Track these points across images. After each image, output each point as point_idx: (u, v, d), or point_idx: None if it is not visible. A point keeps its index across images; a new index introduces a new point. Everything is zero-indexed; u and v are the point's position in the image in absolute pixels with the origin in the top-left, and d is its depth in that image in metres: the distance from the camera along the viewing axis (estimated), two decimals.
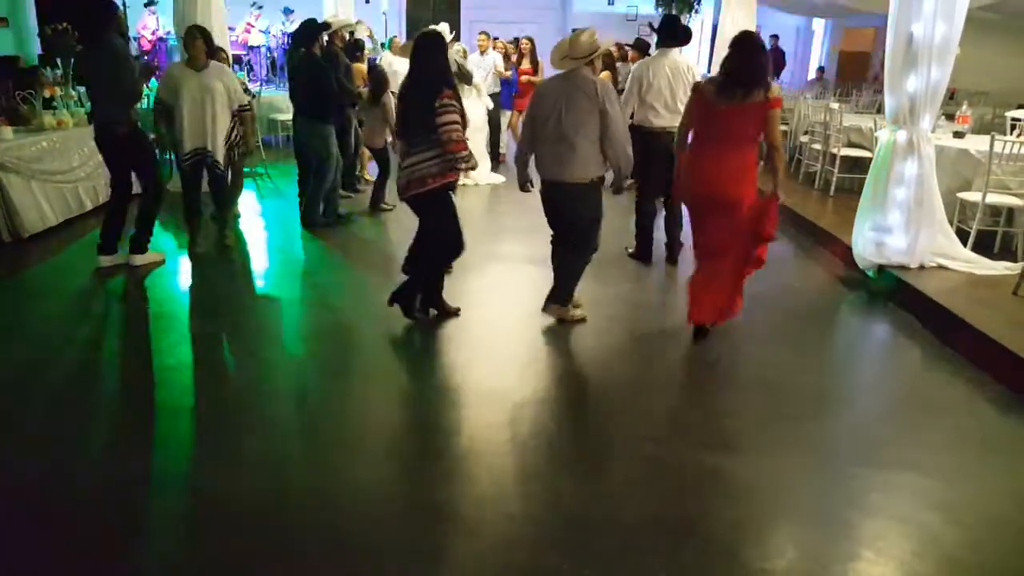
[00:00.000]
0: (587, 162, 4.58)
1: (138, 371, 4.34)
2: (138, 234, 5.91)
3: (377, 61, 9.86)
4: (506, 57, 10.91)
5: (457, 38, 10.31)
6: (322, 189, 7.20)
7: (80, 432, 3.62)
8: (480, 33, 10.97)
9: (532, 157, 4.84)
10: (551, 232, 4.98)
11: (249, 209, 8.01)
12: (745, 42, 4.32)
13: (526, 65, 10.79)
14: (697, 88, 4.53)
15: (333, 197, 7.38)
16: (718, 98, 4.29)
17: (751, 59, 4.26)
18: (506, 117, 10.81)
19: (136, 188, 5.94)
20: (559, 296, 4.99)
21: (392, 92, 7.57)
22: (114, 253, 5.86)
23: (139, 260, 5.91)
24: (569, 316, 5.04)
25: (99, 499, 3.12)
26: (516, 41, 11.18)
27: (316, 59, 6.99)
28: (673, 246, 6.41)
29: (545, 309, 5.02)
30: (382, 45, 11.77)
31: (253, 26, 14.15)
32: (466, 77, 9.18)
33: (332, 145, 7.15)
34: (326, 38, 7.27)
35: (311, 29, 7.06)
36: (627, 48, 9.54)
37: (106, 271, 5.77)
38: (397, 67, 11.27)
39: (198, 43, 5.96)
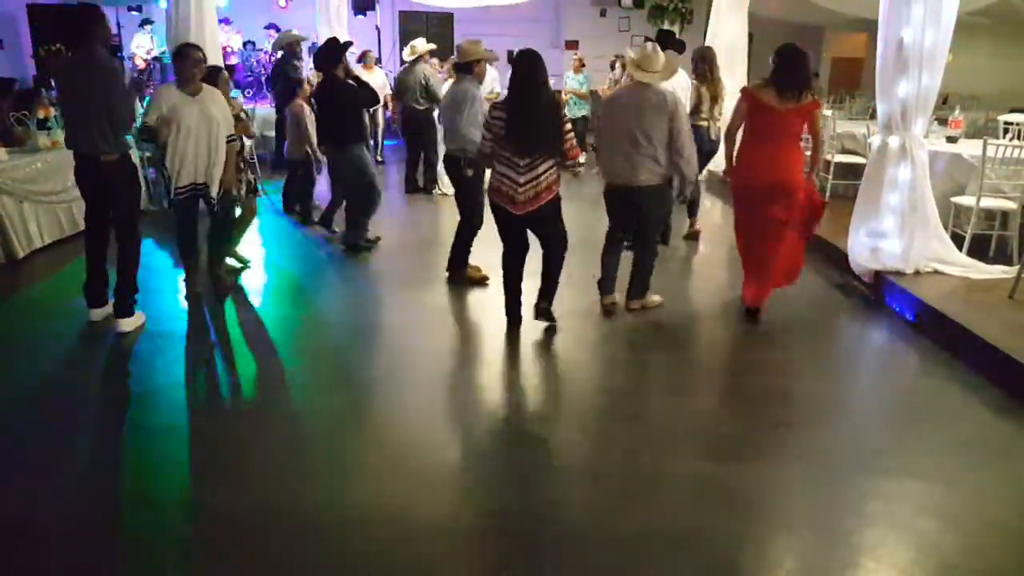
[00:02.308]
0: (657, 165, 5.03)
1: (131, 396, 4.34)
2: (123, 292, 4.99)
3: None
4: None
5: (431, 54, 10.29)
6: (371, 211, 6.96)
7: (79, 454, 3.61)
8: None
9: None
10: (611, 232, 5.40)
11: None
12: (792, 53, 4.89)
13: None
14: (749, 93, 5.06)
15: (363, 221, 7.06)
16: (778, 101, 4.88)
17: (800, 66, 4.89)
18: None
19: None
20: (639, 291, 5.42)
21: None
22: (106, 304, 5.09)
23: (128, 325, 4.99)
24: (651, 304, 5.48)
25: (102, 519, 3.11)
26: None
27: (341, 83, 6.59)
28: (666, 232, 6.88)
29: (629, 305, 5.42)
30: (359, 60, 11.61)
31: (232, 48, 14.04)
32: (432, 96, 9.36)
33: (369, 164, 6.85)
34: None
35: (333, 50, 6.63)
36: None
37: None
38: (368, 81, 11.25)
39: (200, 65, 5.24)
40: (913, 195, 5.60)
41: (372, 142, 11.93)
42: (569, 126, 4.69)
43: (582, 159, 4.88)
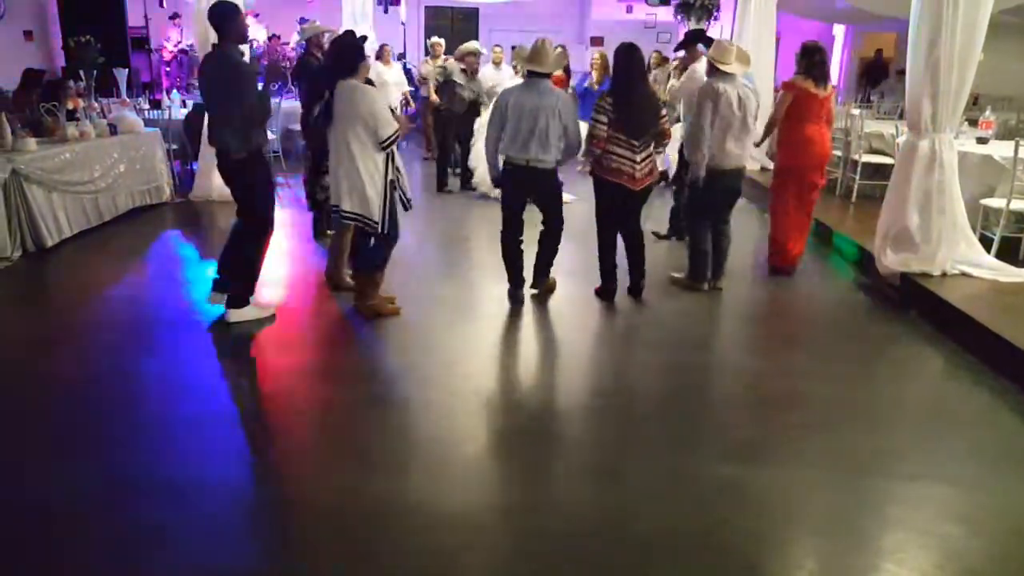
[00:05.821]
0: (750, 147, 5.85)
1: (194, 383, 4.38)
2: (235, 282, 4.97)
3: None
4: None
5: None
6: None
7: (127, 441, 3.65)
8: (495, 46, 10.97)
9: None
10: (703, 220, 5.76)
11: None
12: (820, 49, 5.91)
13: (559, 74, 10.75)
14: (795, 85, 5.87)
15: None
16: (818, 89, 5.84)
17: (825, 58, 5.93)
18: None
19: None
20: (723, 269, 6.02)
21: None
22: (245, 305, 4.99)
23: (236, 316, 4.96)
24: None
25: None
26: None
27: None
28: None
29: (719, 284, 5.94)
30: (377, 56, 11.20)
31: (258, 43, 14.12)
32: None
33: None
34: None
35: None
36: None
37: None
38: (386, 77, 11.14)
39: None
40: (941, 197, 5.52)
41: None
42: (665, 110, 5.36)
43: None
